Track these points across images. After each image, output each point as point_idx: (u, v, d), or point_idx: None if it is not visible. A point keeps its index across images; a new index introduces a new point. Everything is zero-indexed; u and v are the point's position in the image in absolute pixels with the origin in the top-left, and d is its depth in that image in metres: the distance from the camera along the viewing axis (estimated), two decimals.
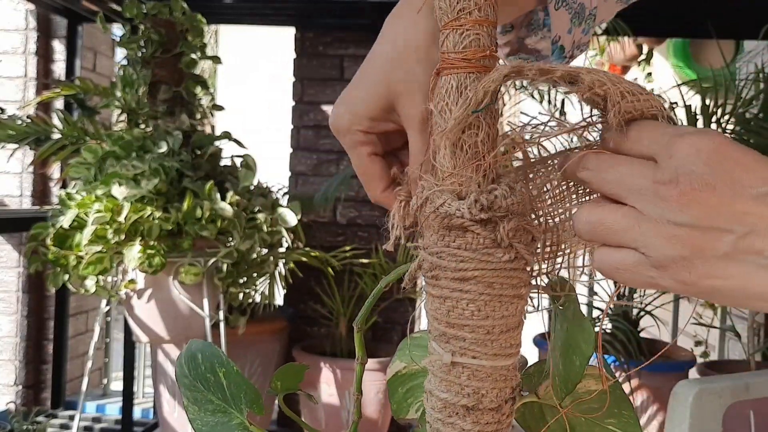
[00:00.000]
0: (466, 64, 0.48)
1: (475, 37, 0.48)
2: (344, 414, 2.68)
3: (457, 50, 0.48)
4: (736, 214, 0.39)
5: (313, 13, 3.01)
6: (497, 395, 0.47)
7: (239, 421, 0.58)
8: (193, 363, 0.59)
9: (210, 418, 0.58)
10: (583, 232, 0.45)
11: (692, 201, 0.39)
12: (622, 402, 0.51)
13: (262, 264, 2.36)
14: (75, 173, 2.20)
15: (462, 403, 0.47)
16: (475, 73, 0.48)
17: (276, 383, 0.61)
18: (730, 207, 0.39)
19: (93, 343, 2.29)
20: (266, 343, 2.69)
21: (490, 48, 0.48)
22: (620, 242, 0.43)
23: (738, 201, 0.39)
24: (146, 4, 2.39)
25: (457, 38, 0.48)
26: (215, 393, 0.58)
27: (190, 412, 0.58)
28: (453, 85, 0.48)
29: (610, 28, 2.82)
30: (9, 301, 2.93)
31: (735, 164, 0.39)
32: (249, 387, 0.58)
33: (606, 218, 0.43)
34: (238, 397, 0.58)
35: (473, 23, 0.48)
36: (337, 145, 3.06)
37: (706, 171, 0.39)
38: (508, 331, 0.47)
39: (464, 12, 0.48)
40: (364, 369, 0.59)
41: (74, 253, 2.06)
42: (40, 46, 2.97)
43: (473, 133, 0.48)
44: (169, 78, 2.39)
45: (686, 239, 0.40)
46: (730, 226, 0.39)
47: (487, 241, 0.46)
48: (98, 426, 2.94)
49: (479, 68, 0.48)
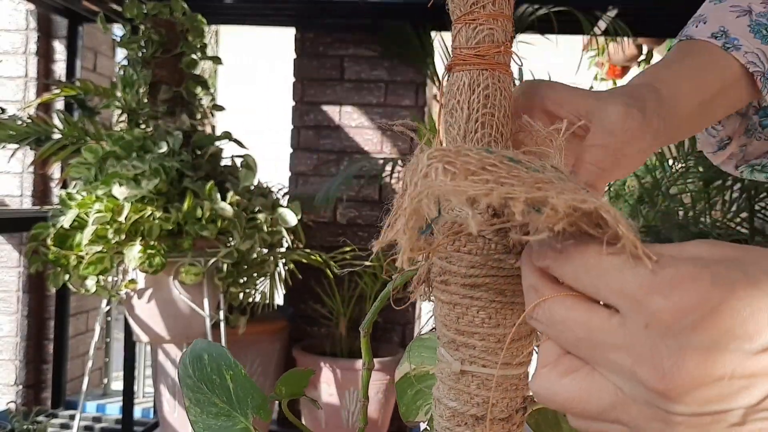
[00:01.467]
0: (479, 61, 0.45)
1: (489, 32, 0.46)
2: (344, 414, 2.69)
3: (470, 45, 0.46)
4: (743, 380, 0.30)
5: (313, 13, 3.01)
6: (507, 405, 0.45)
7: (243, 426, 0.56)
8: (199, 363, 0.57)
9: (213, 421, 0.56)
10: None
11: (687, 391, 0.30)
12: None
13: (262, 264, 2.36)
14: (75, 173, 2.20)
15: (471, 412, 0.45)
16: (488, 70, 0.46)
17: (280, 389, 0.60)
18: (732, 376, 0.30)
19: (93, 342, 2.29)
20: (266, 343, 2.69)
21: (504, 43, 0.46)
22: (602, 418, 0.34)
23: (740, 366, 0.30)
24: (147, 5, 2.39)
25: (470, 33, 0.46)
26: (220, 396, 0.56)
27: (191, 414, 0.56)
28: (465, 81, 0.46)
29: (609, 28, 2.82)
30: (9, 300, 2.93)
31: (729, 319, 0.30)
32: (257, 391, 0.56)
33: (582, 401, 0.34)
34: (245, 401, 0.56)
35: (487, 17, 0.45)
36: (337, 145, 3.07)
37: (696, 341, 0.30)
38: (519, 340, 0.45)
39: (478, 5, 0.45)
40: (371, 374, 0.58)
41: (75, 253, 2.06)
42: (40, 47, 2.97)
43: (486, 132, 0.46)
44: (169, 78, 2.39)
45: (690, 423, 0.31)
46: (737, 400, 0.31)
47: (498, 247, 0.44)
48: (98, 426, 2.94)
49: (493, 65, 0.46)
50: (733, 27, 0.64)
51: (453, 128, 0.47)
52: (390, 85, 3.04)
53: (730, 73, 0.63)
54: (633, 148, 0.52)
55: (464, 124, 0.46)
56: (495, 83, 0.46)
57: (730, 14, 0.65)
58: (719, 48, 0.63)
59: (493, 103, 0.46)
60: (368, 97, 3.05)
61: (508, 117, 0.47)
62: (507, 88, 0.47)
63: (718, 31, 0.64)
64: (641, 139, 0.52)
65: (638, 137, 0.52)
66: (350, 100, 3.06)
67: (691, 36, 0.65)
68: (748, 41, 0.63)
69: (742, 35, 0.63)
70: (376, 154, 3.05)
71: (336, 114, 3.07)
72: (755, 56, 0.62)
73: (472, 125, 0.46)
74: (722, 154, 0.74)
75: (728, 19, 0.65)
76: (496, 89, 0.46)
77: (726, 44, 0.63)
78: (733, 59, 0.62)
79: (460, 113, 0.46)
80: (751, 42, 0.63)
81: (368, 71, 3.05)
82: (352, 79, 3.06)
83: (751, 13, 0.65)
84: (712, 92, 0.61)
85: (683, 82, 0.60)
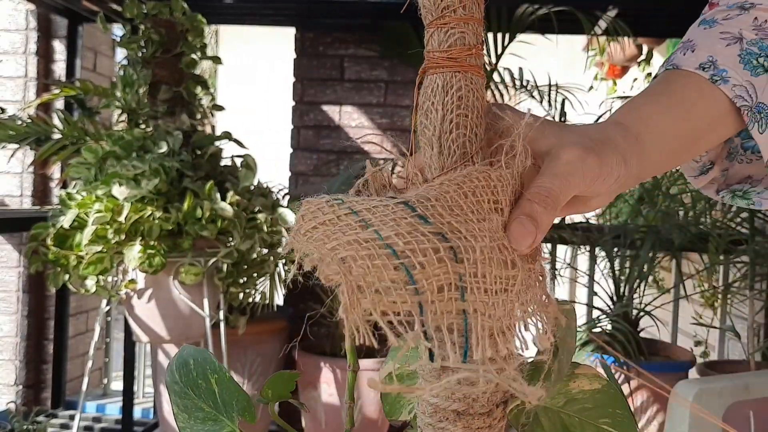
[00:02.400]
0: (452, 63, 0.47)
1: (460, 36, 0.47)
2: (344, 414, 2.68)
3: (442, 49, 0.47)
4: None
5: (313, 13, 3.01)
6: (488, 400, 0.46)
7: (230, 429, 0.56)
8: (185, 369, 0.57)
9: (200, 426, 0.56)
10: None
11: None
12: (616, 401, 0.51)
13: (262, 264, 2.36)
14: (75, 173, 2.20)
15: (452, 407, 0.46)
16: (461, 72, 0.47)
17: (267, 391, 0.59)
18: None
19: (93, 342, 2.29)
20: (266, 343, 2.69)
21: (476, 46, 0.47)
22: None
23: None
24: (146, 4, 2.39)
25: (442, 37, 0.47)
26: (206, 400, 0.56)
27: (179, 420, 0.56)
28: (438, 84, 0.48)
29: (610, 28, 2.82)
30: (9, 300, 2.93)
31: None
32: (241, 394, 0.56)
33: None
34: (230, 404, 0.56)
35: (458, 21, 0.47)
36: (337, 145, 3.06)
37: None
38: (500, 335, 0.45)
39: (449, 10, 0.47)
40: (356, 375, 0.58)
41: (74, 253, 2.06)
42: (40, 46, 2.97)
43: (461, 133, 0.48)
44: (169, 78, 2.39)
45: None
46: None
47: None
48: (98, 426, 2.94)
49: (465, 67, 0.47)
50: (722, 57, 0.62)
51: (428, 129, 0.49)
52: (390, 84, 3.04)
53: (718, 108, 0.61)
54: (588, 189, 0.51)
55: (439, 125, 0.48)
56: (468, 85, 0.48)
57: (720, 42, 0.63)
58: (707, 81, 0.61)
59: (466, 104, 0.48)
60: (368, 97, 3.05)
61: (481, 117, 0.49)
62: (479, 90, 0.49)
63: (706, 61, 0.62)
64: (600, 183, 0.52)
65: (594, 179, 0.51)
66: (350, 100, 3.05)
67: (678, 66, 0.63)
68: (737, 72, 0.61)
69: (732, 66, 0.61)
70: (376, 154, 3.05)
71: (336, 114, 3.07)
72: (743, 90, 0.61)
73: (447, 126, 0.48)
74: (704, 179, 0.73)
75: (718, 48, 0.63)
76: (469, 90, 0.48)
77: (714, 76, 0.61)
78: (720, 93, 0.61)
79: (435, 114, 0.48)
80: (740, 74, 0.61)
81: (368, 71, 3.04)
82: (352, 79, 3.06)
83: (742, 41, 0.63)
84: (699, 127, 0.60)
85: (668, 120, 0.59)
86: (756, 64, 0.62)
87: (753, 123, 0.61)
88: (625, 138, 0.55)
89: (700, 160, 0.72)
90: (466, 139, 0.48)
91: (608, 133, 0.54)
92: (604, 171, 0.51)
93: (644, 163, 0.56)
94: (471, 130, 0.48)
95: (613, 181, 0.52)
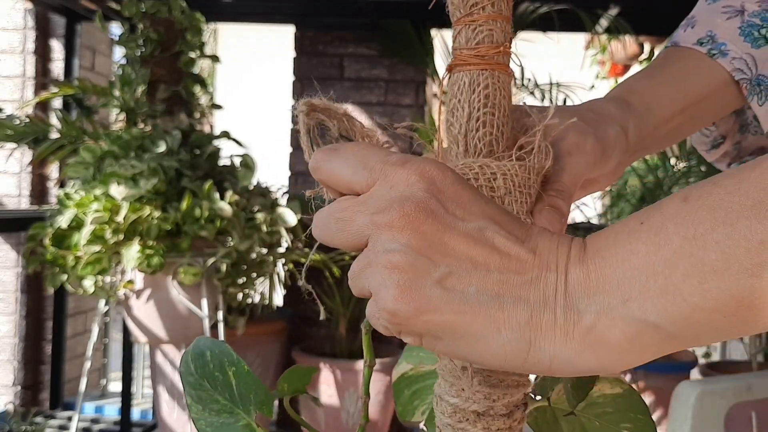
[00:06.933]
0: (479, 61, 0.47)
1: (488, 33, 0.47)
2: (344, 415, 2.67)
3: (470, 46, 0.47)
4: (446, 247, 0.35)
5: (312, 11, 3.00)
6: (509, 401, 0.46)
7: (246, 422, 0.55)
8: (201, 360, 0.57)
9: (215, 418, 0.56)
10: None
11: (407, 226, 0.35)
12: (637, 406, 0.50)
13: (261, 264, 2.35)
14: (73, 173, 2.19)
15: (472, 408, 0.46)
16: (488, 70, 0.47)
17: (283, 385, 0.60)
18: (440, 238, 0.35)
19: (91, 343, 2.28)
20: (265, 344, 2.68)
21: (503, 44, 0.47)
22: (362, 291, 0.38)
23: (447, 233, 0.35)
24: (145, 3, 2.38)
25: (470, 34, 0.47)
26: (222, 392, 0.56)
27: (193, 411, 0.56)
28: (465, 81, 0.48)
29: (611, 26, 2.81)
30: (7, 301, 2.92)
31: (454, 194, 0.36)
32: (260, 387, 0.56)
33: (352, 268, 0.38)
34: (247, 397, 0.56)
35: (486, 18, 0.47)
36: None
37: (425, 197, 0.36)
38: None
39: (477, 7, 0.47)
40: (372, 372, 0.58)
41: (72, 253, 2.05)
42: (38, 45, 2.96)
43: (487, 131, 0.48)
44: (167, 77, 2.38)
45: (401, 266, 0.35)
46: (439, 258, 0.35)
47: None
48: (97, 427, 2.93)
49: (492, 65, 0.47)
50: (721, 31, 0.62)
51: (454, 127, 0.49)
52: (390, 83, 3.03)
53: (717, 80, 0.61)
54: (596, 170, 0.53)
55: (465, 123, 0.48)
56: (495, 83, 0.48)
57: (720, 16, 0.63)
58: (705, 55, 0.61)
59: (493, 103, 0.48)
60: (368, 96, 3.04)
61: (507, 116, 0.49)
62: (506, 88, 0.48)
63: (704, 36, 0.62)
64: (605, 160, 0.53)
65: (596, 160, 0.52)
66: (350, 99, 3.04)
67: (677, 43, 0.64)
68: (736, 45, 0.61)
69: (731, 39, 0.62)
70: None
71: None
72: (743, 62, 0.61)
73: (473, 124, 0.48)
74: (715, 153, 0.73)
75: (718, 22, 0.63)
76: (496, 89, 0.48)
77: (712, 50, 0.61)
78: (720, 66, 0.61)
79: (461, 112, 0.48)
80: (739, 46, 0.61)
81: (368, 70, 3.03)
82: (352, 77, 3.04)
83: (743, 14, 0.63)
84: (697, 98, 0.60)
85: (662, 89, 0.59)
86: (757, 36, 0.62)
87: (752, 95, 0.61)
88: (618, 107, 0.56)
89: (711, 135, 0.72)
90: (492, 138, 0.48)
91: (602, 109, 0.56)
92: (607, 148, 0.52)
93: (642, 130, 0.57)
94: (497, 129, 0.48)
95: (620, 153, 0.54)
